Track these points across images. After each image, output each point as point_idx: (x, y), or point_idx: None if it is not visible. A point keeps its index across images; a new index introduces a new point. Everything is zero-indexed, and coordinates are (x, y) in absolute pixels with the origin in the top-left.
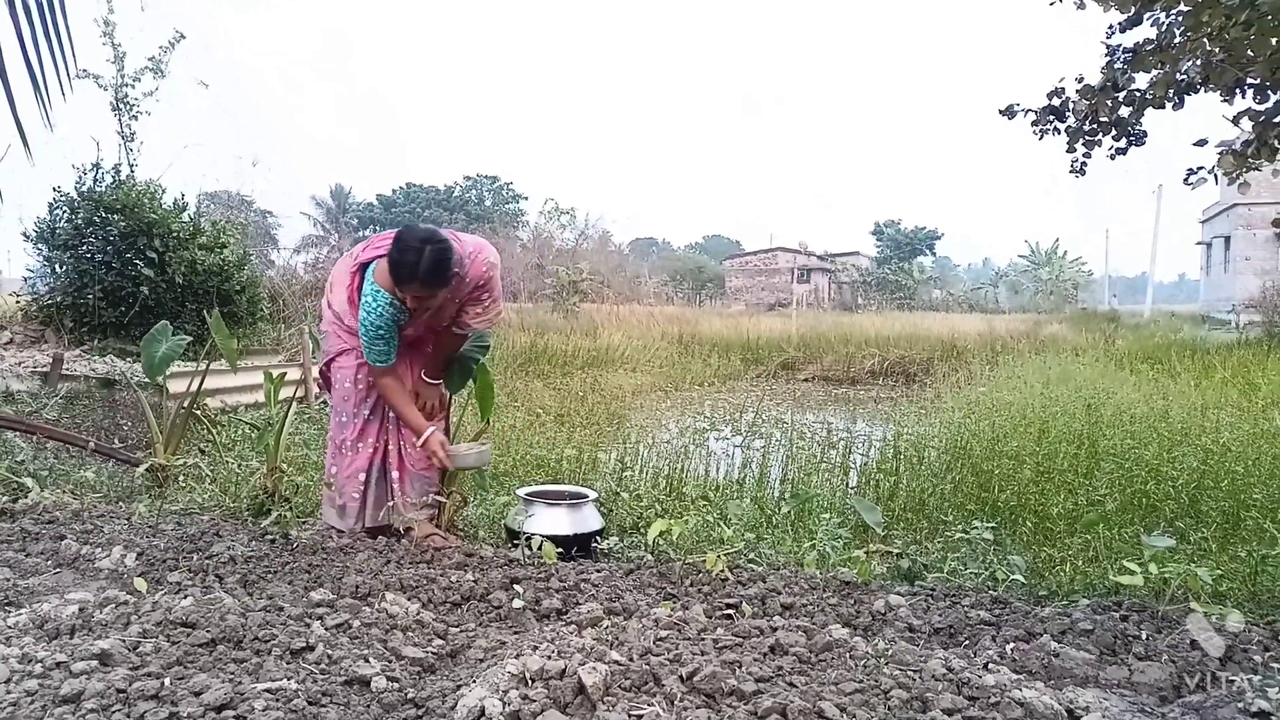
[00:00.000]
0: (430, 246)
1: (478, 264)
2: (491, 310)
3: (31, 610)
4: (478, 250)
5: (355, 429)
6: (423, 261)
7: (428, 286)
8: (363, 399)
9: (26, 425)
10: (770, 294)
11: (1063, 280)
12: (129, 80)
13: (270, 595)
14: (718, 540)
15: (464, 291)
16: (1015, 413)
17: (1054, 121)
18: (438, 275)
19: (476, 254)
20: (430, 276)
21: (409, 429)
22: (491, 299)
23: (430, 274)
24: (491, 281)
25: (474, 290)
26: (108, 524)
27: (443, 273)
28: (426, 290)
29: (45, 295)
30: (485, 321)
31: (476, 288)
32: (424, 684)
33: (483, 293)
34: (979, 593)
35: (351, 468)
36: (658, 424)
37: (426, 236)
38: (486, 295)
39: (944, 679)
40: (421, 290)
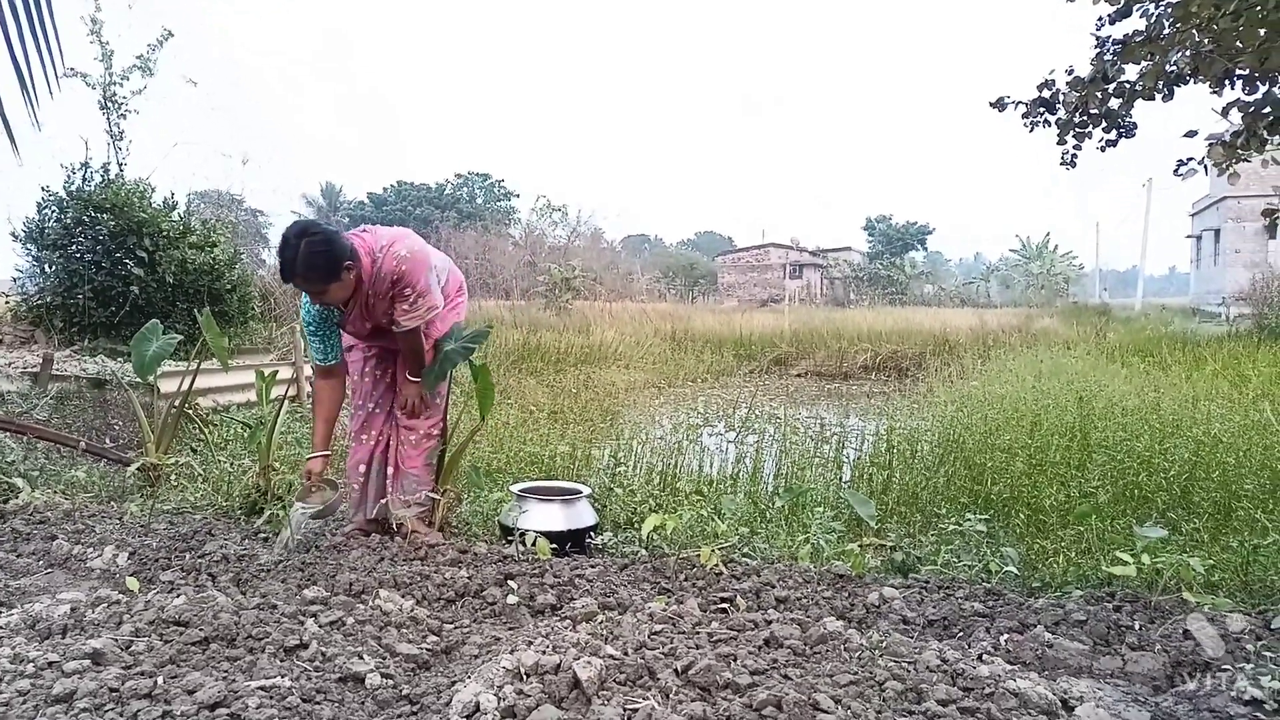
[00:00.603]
0: (305, 240)
1: (388, 258)
2: (420, 305)
3: (23, 610)
4: (390, 243)
5: (359, 421)
6: (297, 258)
7: (307, 283)
8: (368, 392)
9: (17, 426)
10: (763, 290)
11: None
12: (117, 79)
13: (263, 593)
14: (712, 535)
15: (383, 286)
16: (1007, 406)
17: (1044, 114)
18: (313, 270)
19: (389, 247)
20: (307, 271)
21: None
22: (415, 293)
23: (306, 269)
24: (407, 275)
25: (393, 285)
26: (99, 524)
27: (321, 265)
28: (307, 287)
29: (34, 295)
30: (415, 317)
31: (395, 283)
32: (419, 680)
33: (404, 287)
34: (972, 585)
35: (353, 459)
36: (651, 420)
37: (301, 230)
38: (408, 290)
39: (939, 670)
40: (303, 287)
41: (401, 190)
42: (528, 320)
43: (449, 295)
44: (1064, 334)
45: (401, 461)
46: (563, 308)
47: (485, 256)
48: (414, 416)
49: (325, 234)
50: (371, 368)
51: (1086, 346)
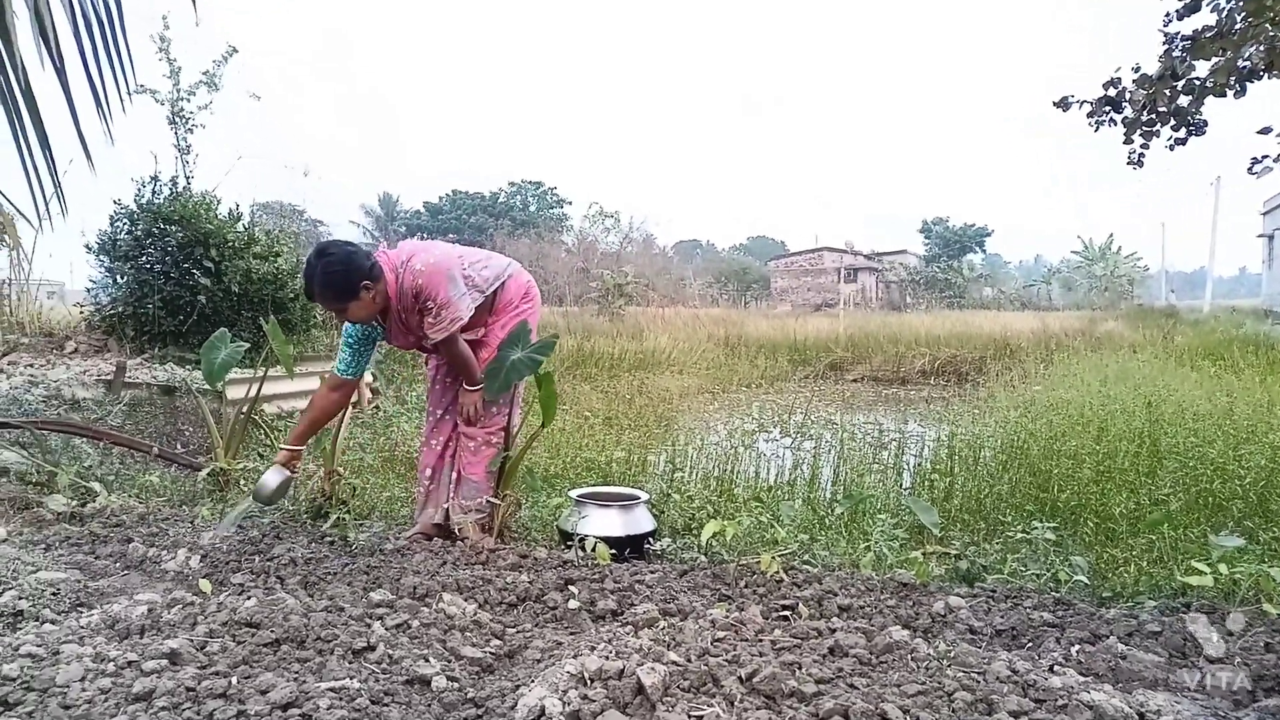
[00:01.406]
0: (322, 260)
1: (408, 274)
2: (444, 317)
3: (103, 611)
4: (410, 257)
5: (429, 425)
6: (315, 277)
7: (325, 301)
8: (439, 398)
9: (93, 432)
10: (816, 294)
11: (1118, 276)
12: (184, 94)
13: (330, 596)
14: (771, 541)
15: (408, 301)
16: (1073, 411)
17: (1110, 112)
18: (329, 289)
19: (408, 262)
20: (324, 290)
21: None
22: (437, 305)
23: (323, 288)
24: (426, 289)
25: (415, 299)
26: (172, 527)
27: (338, 285)
28: (326, 306)
29: (107, 305)
30: (441, 329)
31: (416, 296)
32: (483, 684)
33: (426, 300)
34: (1041, 594)
35: (422, 463)
36: (706, 426)
37: (320, 251)
38: (430, 303)
39: (1009, 681)
40: (326, 305)
41: (456, 199)
42: (581, 326)
43: (511, 302)
44: (1129, 337)
45: (463, 468)
46: (616, 314)
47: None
48: (471, 424)
49: (343, 254)
50: (443, 375)
51: (1153, 350)
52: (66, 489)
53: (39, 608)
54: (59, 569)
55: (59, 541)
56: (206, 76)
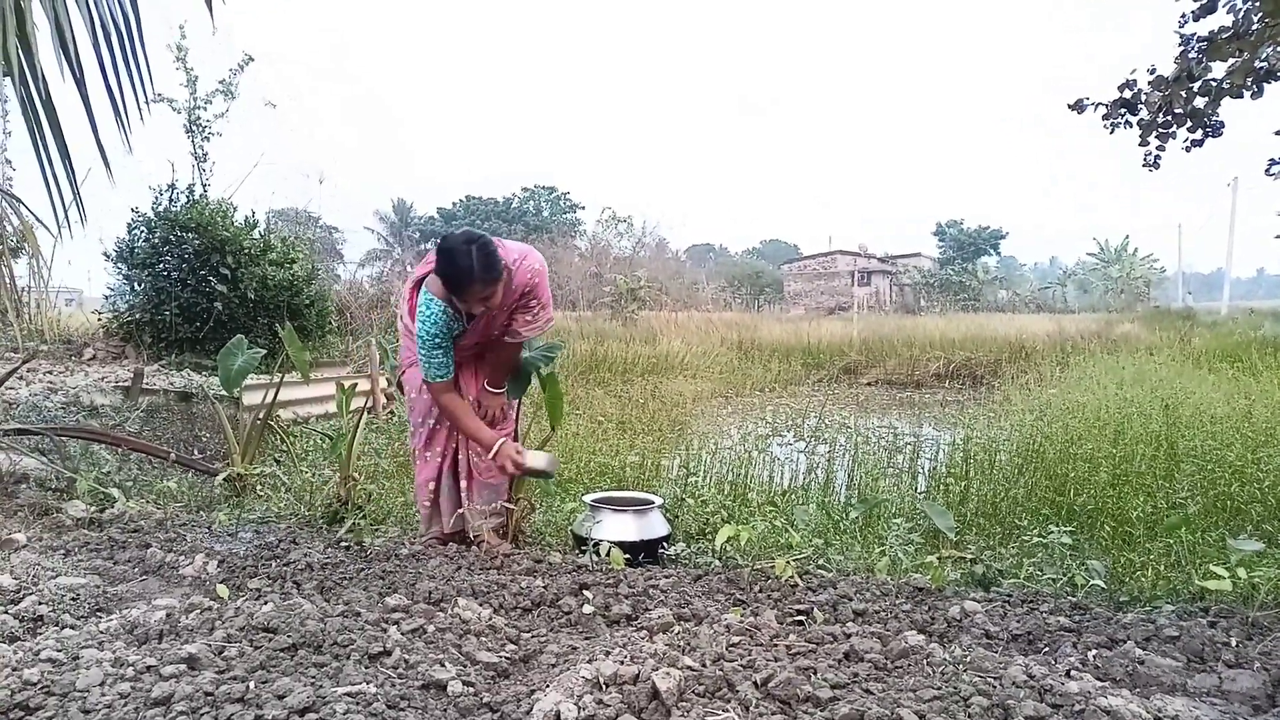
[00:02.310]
0: (475, 246)
1: (522, 270)
2: (541, 317)
3: (121, 616)
4: (522, 257)
5: (422, 437)
6: (475, 262)
7: (486, 284)
8: (428, 408)
9: (112, 438)
10: (830, 298)
11: (1134, 278)
12: (201, 103)
13: (347, 601)
14: (785, 546)
15: (512, 298)
16: (1089, 414)
17: (1125, 114)
18: (491, 270)
19: (521, 260)
20: (486, 273)
21: (478, 444)
22: (540, 305)
23: (485, 270)
24: (538, 287)
25: (521, 297)
26: (190, 532)
27: (495, 266)
28: (486, 289)
29: (125, 312)
30: (535, 328)
31: (524, 294)
32: (499, 688)
33: (530, 299)
34: (1057, 599)
35: (420, 477)
36: (719, 430)
37: (468, 238)
38: (535, 301)
39: (1025, 686)
40: (482, 290)
41: (470, 205)
42: (594, 331)
43: None
44: (1146, 339)
45: (478, 473)
46: (629, 318)
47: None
48: (492, 427)
49: (486, 237)
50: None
51: (1170, 352)
52: (85, 495)
53: (59, 613)
54: (78, 574)
55: (78, 547)
56: (223, 85)
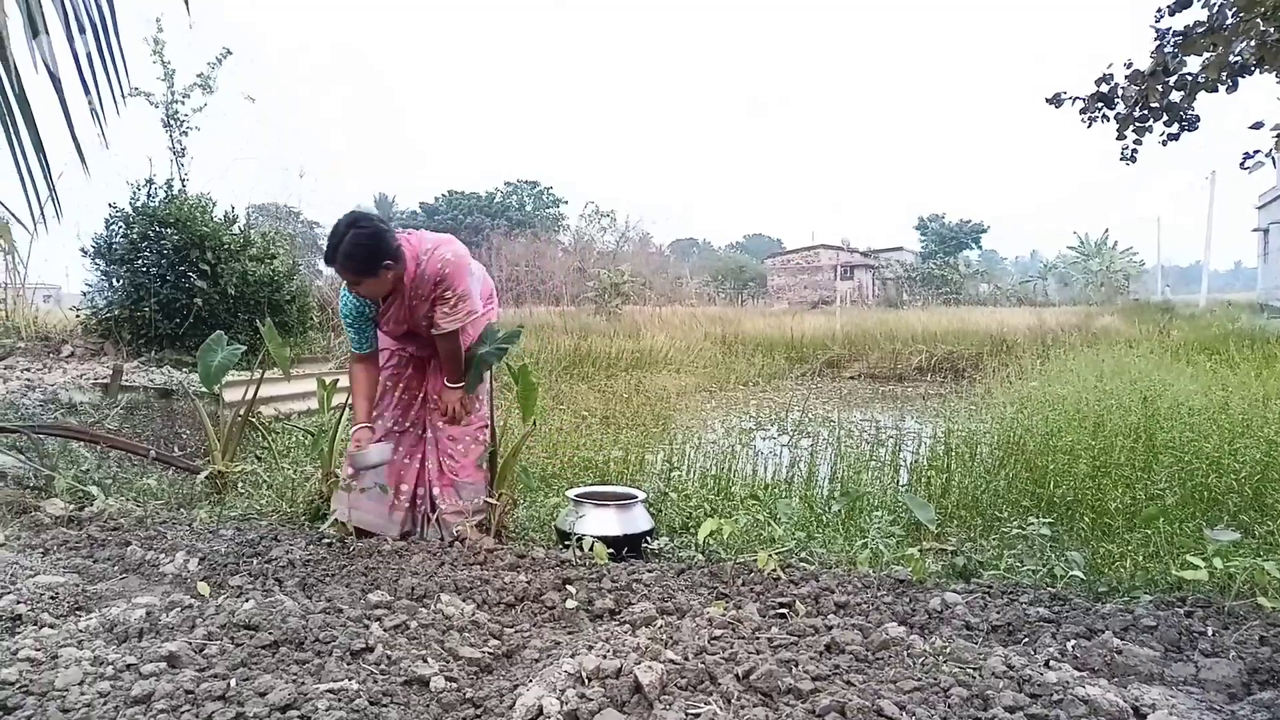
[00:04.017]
0: (352, 230)
1: (433, 260)
2: (460, 308)
3: (101, 614)
4: (435, 246)
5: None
6: (341, 245)
7: (344, 271)
8: (403, 410)
9: (90, 435)
10: (813, 292)
11: (1114, 271)
12: (179, 97)
13: (329, 598)
14: (768, 539)
15: (425, 289)
16: (1069, 407)
17: (1102, 108)
18: (351, 260)
19: (434, 250)
20: (346, 261)
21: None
22: (456, 296)
23: (345, 258)
24: (450, 278)
25: (435, 287)
26: (170, 530)
27: (357, 259)
28: (343, 275)
29: (103, 309)
30: (455, 319)
31: (437, 284)
32: (481, 684)
33: (445, 289)
34: (1037, 590)
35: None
36: (703, 424)
37: (352, 220)
38: (449, 293)
39: (1004, 676)
40: (343, 275)
41: (453, 199)
42: (578, 326)
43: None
44: (1126, 332)
45: (455, 473)
46: (612, 313)
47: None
48: (455, 423)
49: (374, 229)
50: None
51: (1150, 345)
52: (64, 493)
53: (37, 612)
54: (57, 573)
55: (57, 545)
56: (201, 79)
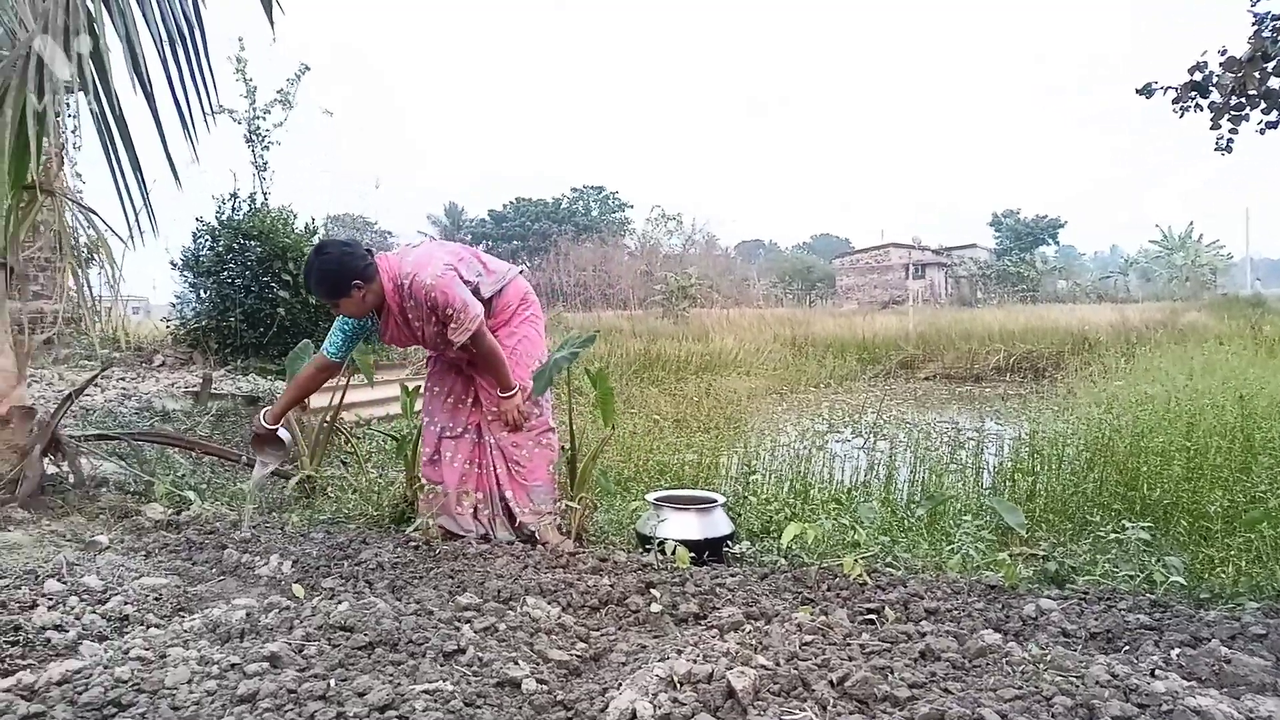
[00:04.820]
0: (319, 258)
1: (416, 285)
2: (464, 318)
3: (203, 615)
4: (414, 272)
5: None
6: (311, 273)
7: (318, 296)
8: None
9: (186, 442)
10: (883, 291)
11: (1199, 265)
12: (260, 113)
13: (418, 600)
14: (850, 544)
15: (424, 312)
16: (1159, 406)
17: (1196, 98)
18: (320, 285)
19: (414, 275)
20: (315, 286)
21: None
22: (455, 310)
23: (315, 284)
24: (441, 300)
25: (432, 309)
26: (263, 534)
27: (325, 284)
28: (319, 299)
29: (192, 320)
30: (465, 330)
31: (433, 310)
32: (571, 686)
33: (444, 309)
34: (1135, 596)
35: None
36: (776, 427)
37: (318, 248)
38: (448, 309)
39: (1109, 685)
40: (317, 299)
41: (520, 206)
42: (646, 329)
43: (509, 305)
44: (1215, 328)
45: (523, 477)
46: (680, 316)
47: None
48: (516, 430)
49: (338, 253)
50: (459, 391)
51: (1241, 341)
52: (163, 498)
53: (143, 612)
54: (159, 575)
55: (158, 548)
56: (281, 95)
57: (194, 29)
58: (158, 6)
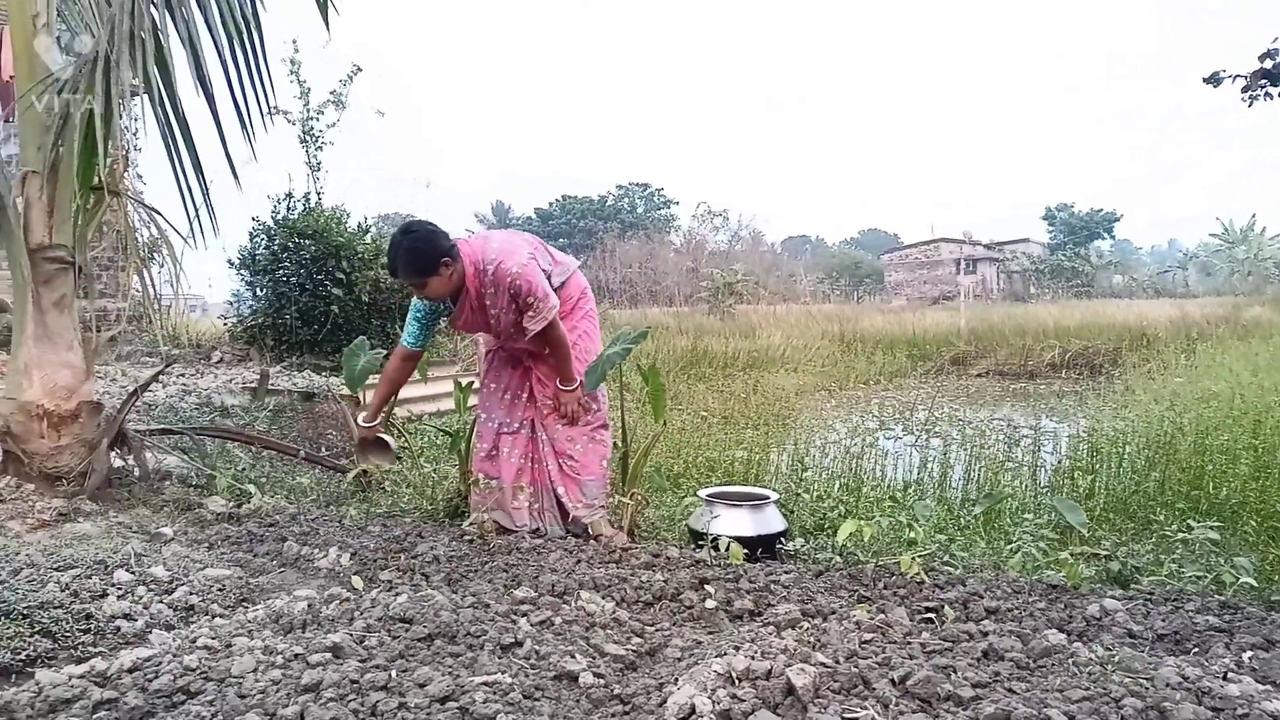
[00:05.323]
0: (407, 237)
1: (500, 272)
2: (543, 308)
3: (266, 606)
4: (499, 259)
5: (506, 439)
6: (399, 253)
7: (406, 277)
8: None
9: (246, 437)
10: (933, 287)
11: (1262, 259)
12: (314, 114)
13: (474, 593)
14: (906, 542)
15: (504, 300)
16: (1223, 403)
17: (1266, 86)
18: (412, 265)
19: (499, 262)
20: (407, 266)
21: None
22: (535, 299)
23: (406, 264)
24: (524, 288)
25: (514, 297)
26: (322, 526)
27: (416, 263)
28: (407, 281)
29: (248, 317)
30: (541, 320)
31: (514, 297)
32: (628, 681)
33: (526, 297)
34: (1204, 597)
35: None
36: (824, 424)
37: (405, 229)
38: (530, 297)
39: (1180, 688)
40: (408, 280)
41: (566, 204)
42: (692, 326)
43: (571, 297)
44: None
45: (576, 472)
46: (726, 312)
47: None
48: (574, 423)
49: (426, 232)
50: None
51: None
52: (224, 491)
53: (208, 603)
54: (223, 566)
55: (220, 540)
56: (333, 95)
57: (252, 30)
58: (218, 9)
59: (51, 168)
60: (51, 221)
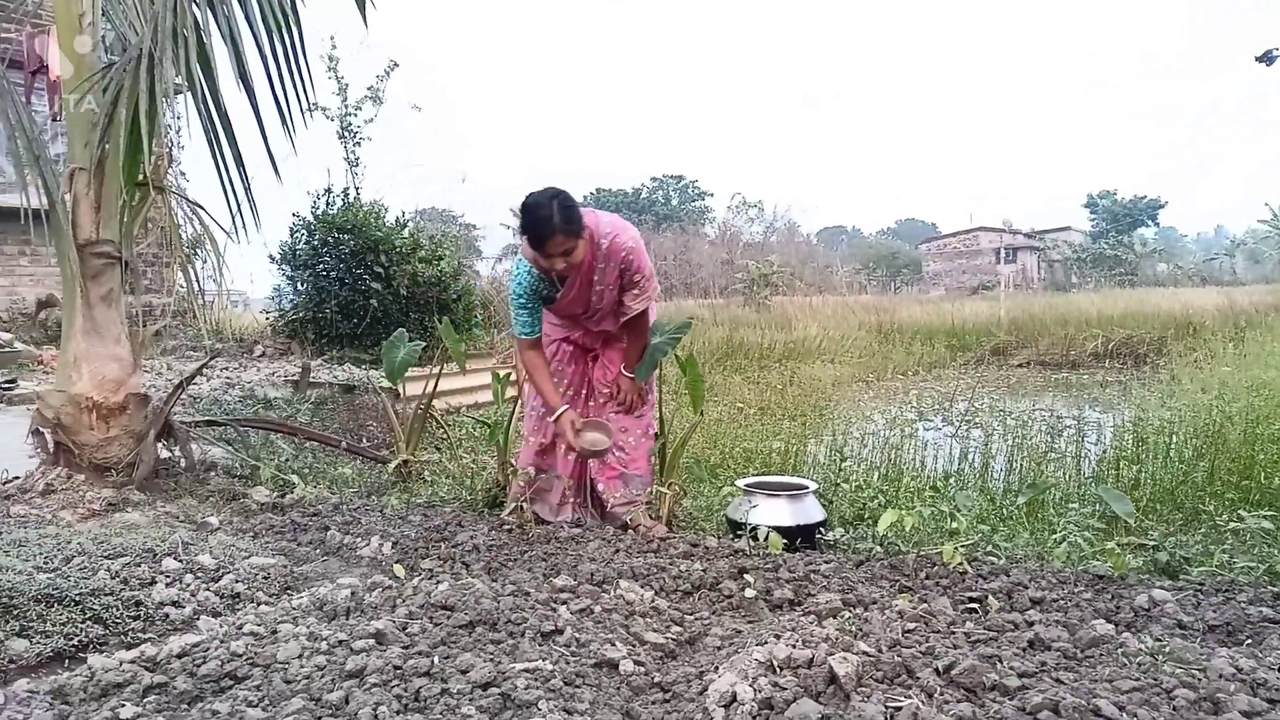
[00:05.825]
0: (557, 200)
1: (615, 247)
2: (648, 288)
3: (310, 594)
4: (614, 232)
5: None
6: (555, 213)
7: (567, 235)
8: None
9: (289, 428)
10: (972, 277)
11: None
12: (352, 109)
13: (514, 581)
14: (947, 532)
15: (611, 275)
16: (1274, 392)
17: None
18: (571, 223)
19: (615, 235)
20: (566, 225)
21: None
22: (643, 276)
23: (566, 223)
24: (636, 262)
25: (623, 271)
26: (364, 516)
27: (575, 220)
28: (567, 241)
29: (289, 311)
30: (645, 299)
31: (624, 270)
32: (668, 669)
33: (634, 273)
34: (1256, 588)
35: (560, 465)
36: (863, 415)
37: (553, 194)
38: (638, 275)
39: (1233, 679)
40: (564, 242)
41: (600, 197)
42: (728, 318)
43: None
44: None
45: (624, 465)
46: (762, 304)
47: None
48: (630, 412)
49: (568, 194)
50: (578, 382)
51: None
52: (268, 481)
53: (254, 590)
54: (267, 555)
55: (264, 530)
56: (371, 91)
57: (291, 25)
58: (258, 4)
59: (98, 164)
60: (99, 217)
